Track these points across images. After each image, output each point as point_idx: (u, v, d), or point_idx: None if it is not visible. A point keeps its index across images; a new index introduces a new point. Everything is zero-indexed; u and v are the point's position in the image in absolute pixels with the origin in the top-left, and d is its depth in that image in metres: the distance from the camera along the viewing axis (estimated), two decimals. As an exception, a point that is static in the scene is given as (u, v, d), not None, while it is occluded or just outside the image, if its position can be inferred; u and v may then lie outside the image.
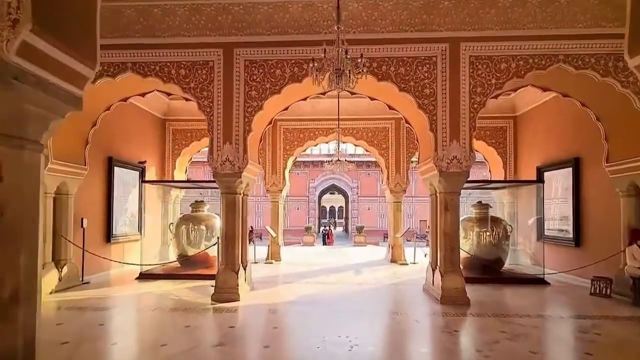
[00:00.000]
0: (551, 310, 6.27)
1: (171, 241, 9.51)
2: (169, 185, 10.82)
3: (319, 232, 30.29)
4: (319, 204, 37.19)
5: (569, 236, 8.42)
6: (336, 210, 47.43)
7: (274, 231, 11.44)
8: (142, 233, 9.62)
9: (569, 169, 8.36)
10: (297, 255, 13.06)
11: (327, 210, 47.12)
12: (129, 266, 8.69)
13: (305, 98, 7.39)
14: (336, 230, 37.30)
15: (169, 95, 8.39)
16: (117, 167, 8.92)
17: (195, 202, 9.65)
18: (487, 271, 8.36)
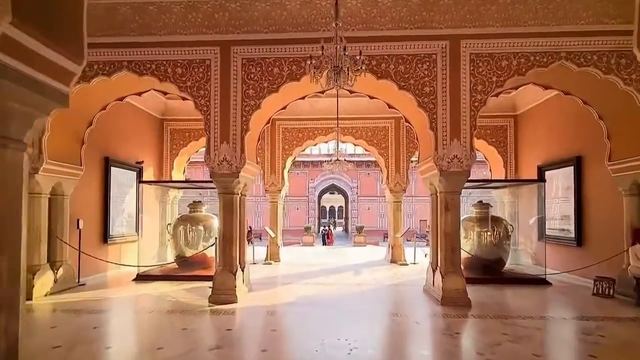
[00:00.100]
0: (554, 311, 6.19)
1: (169, 242, 9.42)
2: (166, 185, 10.74)
3: (318, 232, 30.24)
4: (319, 204, 37.17)
5: (570, 236, 8.34)
6: (336, 210, 47.41)
7: (273, 232, 11.36)
8: (139, 234, 9.54)
9: (571, 168, 8.29)
10: (296, 256, 12.97)
11: (327, 210, 47.10)
12: (126, 267, 8.62)
13: (303, 97, 7.33)
14: (336, 230, 37.25)
15: (165, 94, 8.33)
16: (113, 168, 8.85)
17: (192, 203, 9.58)
18: (488, 271, 8.29)
